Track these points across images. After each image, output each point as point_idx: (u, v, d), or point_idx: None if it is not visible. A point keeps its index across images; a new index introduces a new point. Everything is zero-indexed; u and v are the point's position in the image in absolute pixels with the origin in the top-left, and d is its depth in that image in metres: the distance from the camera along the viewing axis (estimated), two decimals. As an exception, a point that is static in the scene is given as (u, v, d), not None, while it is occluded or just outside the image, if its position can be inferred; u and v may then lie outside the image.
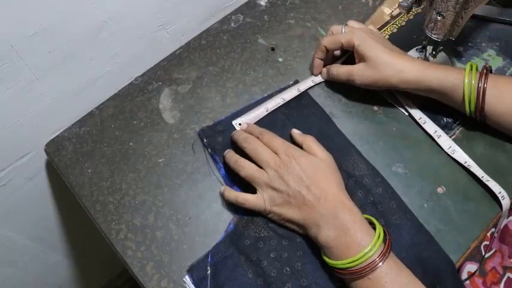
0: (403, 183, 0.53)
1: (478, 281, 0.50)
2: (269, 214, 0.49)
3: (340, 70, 0.57)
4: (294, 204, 0.47)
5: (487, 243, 0.53)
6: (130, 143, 0.58)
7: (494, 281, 0.49)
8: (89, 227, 0.60)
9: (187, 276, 0.48)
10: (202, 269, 0.48)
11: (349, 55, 0.60)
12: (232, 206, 0.52)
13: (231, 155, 0.52)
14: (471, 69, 0.51)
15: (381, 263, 0.41)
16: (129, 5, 0.55)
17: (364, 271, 0.41)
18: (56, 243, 0.80)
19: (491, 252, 0.52)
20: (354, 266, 0.42)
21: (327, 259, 0.45)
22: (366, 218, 0.46)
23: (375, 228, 0.44)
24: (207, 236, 0.51)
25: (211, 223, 0.52)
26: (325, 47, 0.57)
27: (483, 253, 0.52)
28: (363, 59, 0.54)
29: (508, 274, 0.49)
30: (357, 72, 0.55)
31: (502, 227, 0.53)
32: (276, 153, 0.49)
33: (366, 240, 0.42)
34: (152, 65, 0.64)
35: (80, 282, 0.94)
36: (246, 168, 0.49)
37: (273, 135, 0.52)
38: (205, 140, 0.55)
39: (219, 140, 0.55)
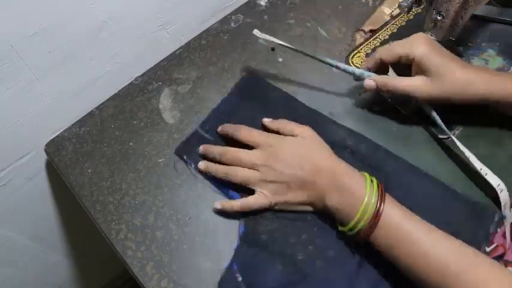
0: (403, 183, 0.53)
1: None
2: (276, 206, 0.49)
3: (399, 84, 0.51)
4: (295, 188, 0.47)
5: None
6: (130, 143, 0.58)
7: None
8: (89, 227, 0.59)
9: None
10: (233, 278, 0.47)
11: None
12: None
13: (215, 169, 0.52)
14: None
15: (382, 205, 0.43)
16: (129, 5, 0.55)
17: (374, 223, 0.42)
18: (56, 243, 0.80)
19: (493, 246, 0.52)
20: (363, 224, 0.43)
21: (342, 228, 0.46)
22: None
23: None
24: (207, 236, 0.51)
25: (211, 223, 0.52)
26: (380, 59, 0.52)
27: (485, 247, 0.52)
28: (425, 72, 0.50)
29: (509, 268, 0.49)
30: (421, 87, 0.50)
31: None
32: (258, 147, 0.50)
33: (362, 190, 0.44)
34: (152, 65, 0.64)
35: (80, 282, 0.94)
36: (237, 174, 0.50)
37: (249, 129, 0.52)
38: (185, 157, 0.55)
39: (197, 151, 0.55)
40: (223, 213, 0.52)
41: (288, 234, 0.49)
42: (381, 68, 0.54)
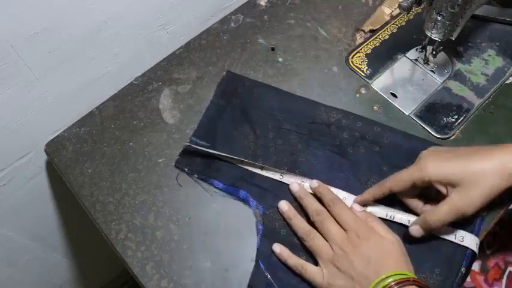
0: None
1: (480, 278, 0.50)
2: None
3: (440, 214, 0.45)
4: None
5: (490, 239, 0.53)
6: (131, 143, 0.58)
7: (496, 277, 0.49)
8: (89, 227, 0.60)
9: None
10: (262, 277, 0.47)
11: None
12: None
13: (298, 224, 0.49)
14: None
15: None
16: (129, 5, 0.55)
17: None
18: (56, 243, 0.80)
19: (494, 248, 0.52)
20: None
21: None
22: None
23: None
24: (207, 236, 0.51)
25: (211, 223, 0.52)
26: (390, 190, 0.47)
27: (486, 250, 0.52)
28: (451, 186, 0.44)
29: (509, 268, 0.49)
30: (463, 202, 0.43)
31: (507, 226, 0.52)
32: (345, 230, 0.46)
33: None
34: (152, 65, 0.64)
35: (80, 282, 0.94)
36: (314, 240, 0.47)
37: (344, 207, 0.48)
38: (186, 170, 0.55)
39: (197, 161, 0.55)
40: (223, 213, 0.52)
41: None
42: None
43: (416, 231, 0.46)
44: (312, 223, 0.49)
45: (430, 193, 0.47)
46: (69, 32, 0.51)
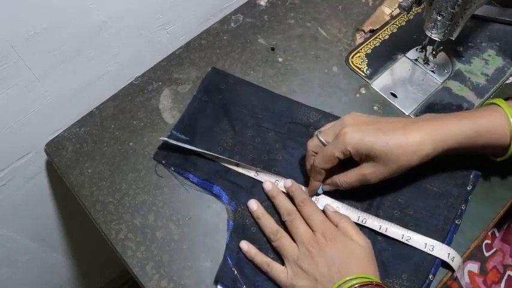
0: (403, 183, 0.53)
1: (479, 280, 0.50)
2: None
3: (349, 179, 0.48)
4: None
5: (489, 241, 0.53)
6: (131, 143, 0.58)
7: (495, 280, 0.49)
8: (89, 227, 0.60)
9: (219, 286, 0.48)
10: (229, 273, 0.48)
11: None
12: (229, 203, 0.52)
13: (268, 222, 0.49)
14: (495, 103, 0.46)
15: None
16: (129, 5, 0.55)
17: None
18: (56, 243, 0.80)
19: (493, 251, 0.52)
20: None
21: None
22: None
23: None
24: (207, 236, 0.51)
25: (211, 223, 0.52)
26: (323, 169, 0.48)
27: (484, 252, 0.52)
28: (367, 158, 0.46)
29: (508, 272, 0.49)
30: (370, 175, 0.46)
31: (505, 227, 0.52)
32: (313, 231, 0.47)
33: None
34: (152, 65, 0.64)
35: (80, 282, 0.94)
36: (281, 240, 0.47)
37: (314, 208, 0.49)
38: (163, 162, 0.55)
39: (175, 155, 0.55)
40: (223, 213, 0.52)
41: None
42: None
43: (326, 188, 0.50)
44: (283, 222, 0.49)
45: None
46: (69, 32, 0.51)
